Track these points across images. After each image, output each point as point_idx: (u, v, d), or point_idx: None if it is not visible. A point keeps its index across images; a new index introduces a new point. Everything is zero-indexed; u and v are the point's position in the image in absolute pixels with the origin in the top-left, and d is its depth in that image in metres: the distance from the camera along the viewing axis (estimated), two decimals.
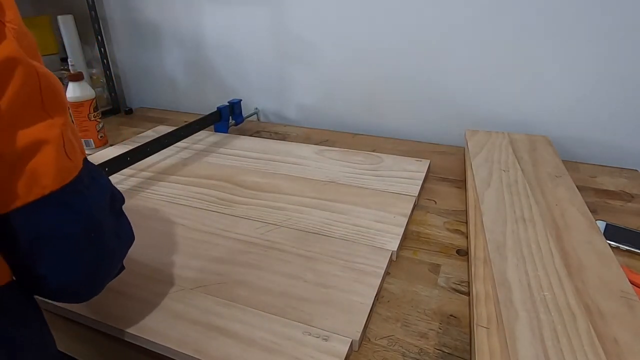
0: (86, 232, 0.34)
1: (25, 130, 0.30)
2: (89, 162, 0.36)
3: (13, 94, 0.29)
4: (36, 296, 0.34)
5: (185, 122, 0.88)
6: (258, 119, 1.10)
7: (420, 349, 0.41)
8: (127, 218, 0.42)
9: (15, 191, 0.30)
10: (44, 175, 0.30)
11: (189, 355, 0.40)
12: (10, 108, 0.29)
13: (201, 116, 0.90)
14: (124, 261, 0.41)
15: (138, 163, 0.79)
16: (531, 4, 0.75)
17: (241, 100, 0.99)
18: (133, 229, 0.42)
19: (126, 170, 0.76)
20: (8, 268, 0.30)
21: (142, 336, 0.42)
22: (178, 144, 0.89)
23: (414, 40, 0.86)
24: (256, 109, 1.09)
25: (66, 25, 1.05)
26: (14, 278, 0.31)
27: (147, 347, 0.42)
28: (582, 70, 0.77)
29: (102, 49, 1.15)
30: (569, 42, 0.76)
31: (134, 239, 0.42)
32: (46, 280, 0.33)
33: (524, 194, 0.58)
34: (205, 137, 0.92)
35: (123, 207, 0.42)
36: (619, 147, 0.80)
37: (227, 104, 0.96)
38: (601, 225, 0.57)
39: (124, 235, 0.41)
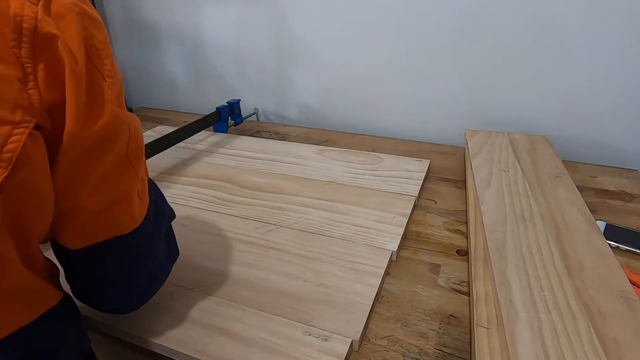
0: (146, 266, 0.36)
1: (109, 186, 0.30)
2: (152, 187, 0.37)
3: (108, 160, 0.29)
4: None
5: (185, 122, 0.88)
6: (257, 119, 1.10)
7: (420, 349, 0.41)
8: (174, 236, 0.44)
9: (91, 234, 0.31)
10: (121, 222, 0.32)
11: (189, 355, 0.40)
12: (102, 172, 0.29)
13: (200, 117, 0.90)
14: None
15: None
16: (531, 5, 0.75)
17: (240, 100, 0.99)
18: None
19: None
20: (59, 291, 0.32)
21: (142, 336, 0.42)
22: (178, 143, 0.89)
23: (414, 40, 0.86)
24: (255, 109, 1.08)
25: None
26: (63, 295, 0.32)
27: (147, 347, 0.42)
28: (582, 70, 0.77)
29: None
30: (568, 42, 0.76)
31: (179, 254, 0.44)
32: (101, 303, 0.36)
33: (524, 194, 0.58)
34: (205, 137, 0.92)
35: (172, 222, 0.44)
36: (619, 147, 0.80)
37: (226, 104, 0.96)
38: (601, 225, 0.57)
39: (173, 254, 0.42)
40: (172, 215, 0.44)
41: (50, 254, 0.33)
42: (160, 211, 0.39)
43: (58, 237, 0.31)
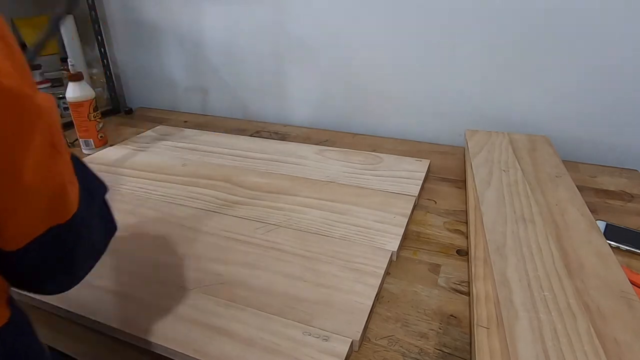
0: (84, 248, 0.35)
1: (45, 178, 0.29)
2: (77, 165, 0.34)
3: (34, 149, 0.27)
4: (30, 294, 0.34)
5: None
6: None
7: (420, 349, 0.41)
8: (109, 209, 0.41)
9: (32, 228, 0.29)
10: (59, 211, 0.30)
11: (189, 356, 0.40)
12: (33, 163, 0.28)
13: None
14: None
15: (137, 163, 0.80)
16: (531, 4, 0.75)
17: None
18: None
19: (126, 171, 0.76)
20: (8, 308, 0.30)
21: (142, 336, 0.42)
22: (176, 143, 0.89)
23: (415, 41, 0.86)
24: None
25: (66, 25, 1.05)
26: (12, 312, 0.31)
27: (147, 348, 0.42)
28: (582, 70, 0.77)
29: (102, 49, 1.15)
30: (569, 42, 0.76)
31: (116, 228, 0.41)
32: (40, 288, 0.34)
33: (524, 194, 0.58)
34: (205, 137, 0.92)
35: (107, 196, 0.40)
36: (618, 147, 0.80)
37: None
38: (601, 225, 0.57)
39: (110, 229, 0.40)
40: (104, 189, 0.41)
41: None
42: (90, 189, 0.37)
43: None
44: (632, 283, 0.42)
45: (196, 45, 1.09)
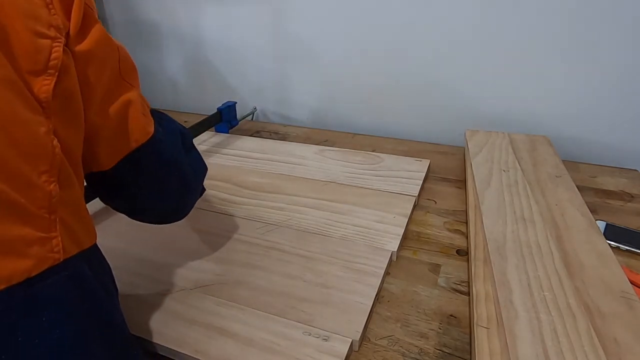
0: (171, 170, 0.42)
1: (113, 101, 0.35)
2: (154, 111, 0.42)
3: (105, 78, 0.34)
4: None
5: (185, 122, 0.87)
6: (252, 119, 1.08)
7: (420, 349, 0.41)
8: (197, 151, 0.50)
9: (116, 149, 0.36)
10: (134, 131, 0.37)
11: (189, 355, 0.40)
12: (104, 89, 0.34)
13: (202, 118, 0.89)
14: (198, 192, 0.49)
15: None
16: (532, 5, 0.75)
17: (236, 103, 0.98)
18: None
19: None
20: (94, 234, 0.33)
21: (142, 336, 0.42)
22: None
23: (414, 41, 0.86)
24: (254, 108, 1.08)
25: None
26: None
27: (147, 348, 0.42)
28: (582, 70, 0.77)
29: None
30: (569, 42, 0.76)
31: (206, 168, 0.51)
32: (149, 211, 0.43)
33: (524, 194, 0.58)
34: (206, 138, 0.92)
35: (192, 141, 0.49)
36: (619, 147, 0.80)
37: (224, 106, 0.95)
38: (601, 225, 0.57)
39: (197, 165, 0.48)
40: (185, 131, 0.47)
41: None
42: (168, 125, 0.43)
43: (94, 160, 0.35)
44: (632, 283, 0.42)
45: (196, 45, 1.09)
